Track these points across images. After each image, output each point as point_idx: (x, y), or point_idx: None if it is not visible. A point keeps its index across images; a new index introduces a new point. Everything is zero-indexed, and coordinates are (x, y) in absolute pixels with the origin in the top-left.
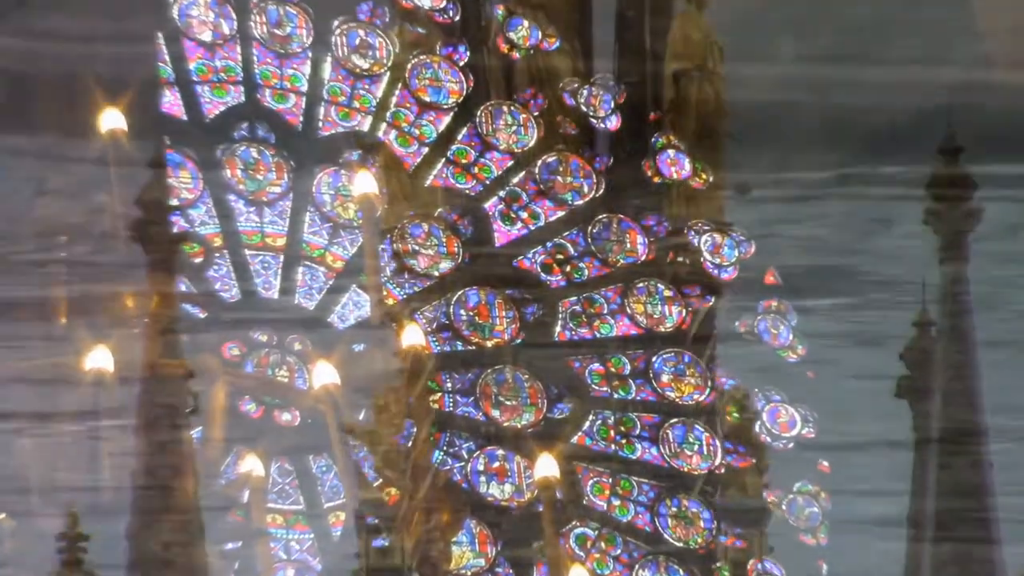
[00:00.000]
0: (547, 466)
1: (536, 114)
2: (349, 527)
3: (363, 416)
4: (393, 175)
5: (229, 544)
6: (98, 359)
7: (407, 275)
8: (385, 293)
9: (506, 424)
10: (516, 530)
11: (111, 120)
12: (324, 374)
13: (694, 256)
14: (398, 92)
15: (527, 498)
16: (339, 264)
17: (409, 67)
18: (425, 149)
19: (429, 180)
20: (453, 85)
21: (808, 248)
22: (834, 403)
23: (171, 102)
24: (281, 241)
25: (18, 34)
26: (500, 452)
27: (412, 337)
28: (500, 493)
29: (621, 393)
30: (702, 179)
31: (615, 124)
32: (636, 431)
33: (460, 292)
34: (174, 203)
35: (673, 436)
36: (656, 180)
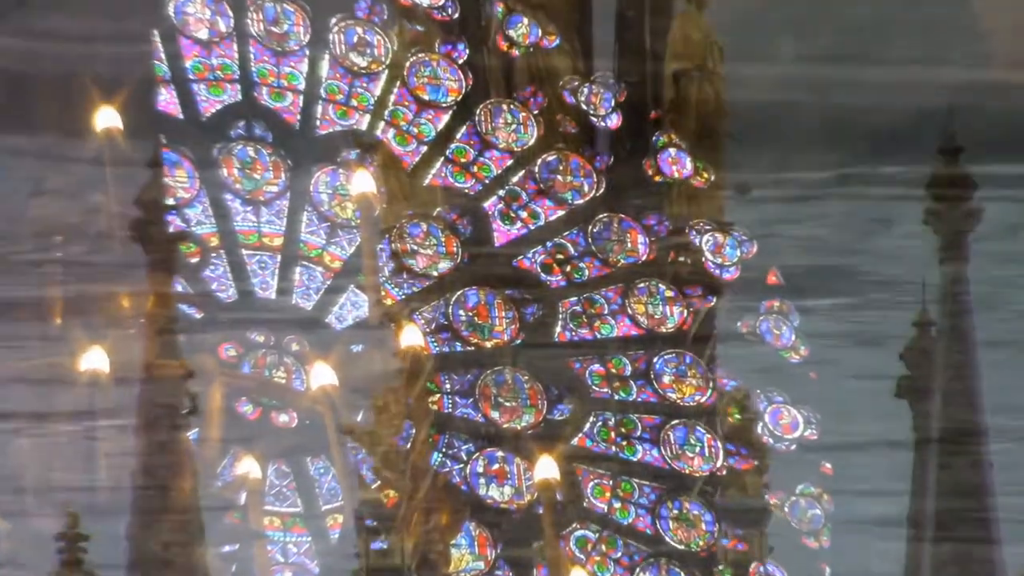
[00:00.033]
0: (547, 468)
1: (536, 112)
2: (347, 530)
3: (362, 417)
4: (391, 174)
5: (226, 546)
6: (94, 360)
7: (405, 275)
8: (383, 293)
9: (506, 426)
10: (516, 532)
11: (107, 119)
12: (322, 375)
13: (696, 256)
14: (396, 90)
15: (527, 500)
16: (337, 264)
17: (407, 65)
18: (424, 148)
19: (428, 179)
20: (452, 83)
21: (808, 248)
22: (835, 403)
23: (167, 100)
24: (278, 241)
25: (17, 34)
26: (500, 454)
27: (411, 338)
28: (500, 495)
29: (622, 394)
30: (703, 178)
31: (615, 123)
32: (637, 433)
33: (459, 292)
34: (171, 202)
35: (674, 438)
36: (657, 179)
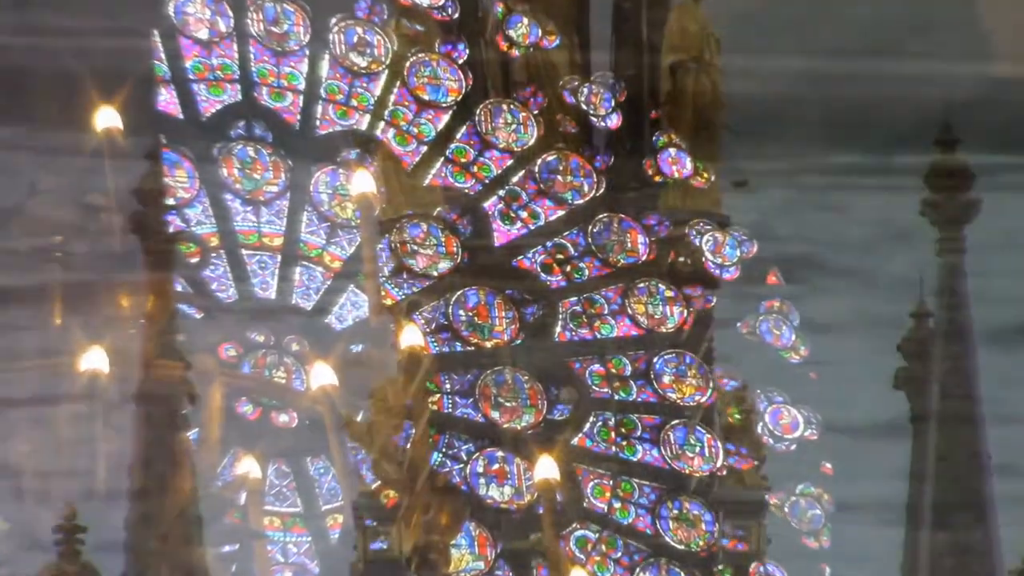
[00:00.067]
0: (547, 468)
1: (536, 112)
2: (347, 530)
3: (361, 418)
4: (391, 174)
5: (226, 547)
6: (94, 359)
7: (405, 275)
8: (383, 293)
9: (506, 426)
10: (516, 533)
11: (107, 118)
12: (322, 375)
13: (695, 255)
14: (396, 90)
15: (527, 500)
16: (337, 264)
17: (407, 65)
18: (424, 148)
19: (428, 179)
20: (452, 83)
21: (806, 240)
22: (835, 395)
23: (167, 100)
24: (278, 241)
25: (16, 32)
26: (500, 454)
27: (410, 338)
28: (500, 495)
29: (622, 394)
30: (703, 178)
31: (616, 122)
32: (637, 433)
33: (459, 292)
34: (171, 202)
35: (674, 438)
36: (657, 179)
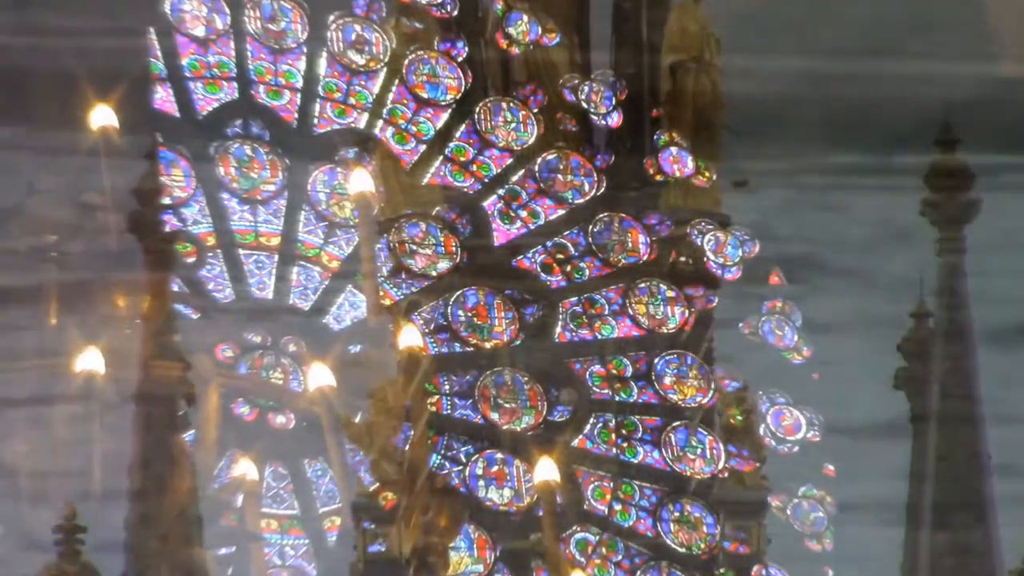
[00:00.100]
0: (547, 470)
1: (536, 111)
2: (345, 532)
3: (359, 419)
4: (390, 173)
5: (223, 549)
6: (89, 360)
7: (404, 275)
8: (382, 293)
9: (505, 427)
10: (516, 535)
11: (103, 117)
12: (319, 376)
13: (697, 255)
14: (395, 88)
15: (527, 502)
16: (335, 264)
17: (406, 63)
18: (422, 146)
19: (427, 178)
20: (451, 81)
21: (806, 240)
22: (835, 395)
23: (163, 98)
24: (275, 240)
25: (16, 32)
26: (499, 456)
27: (409, 338)
28: (499, 497)
29: (623, 396)
30: (705, 177)
31: (616, 121)
32: (638, 434)
33: (458, 292)
34: (167, 201)
35: (675, 439)
36: (658, 178)
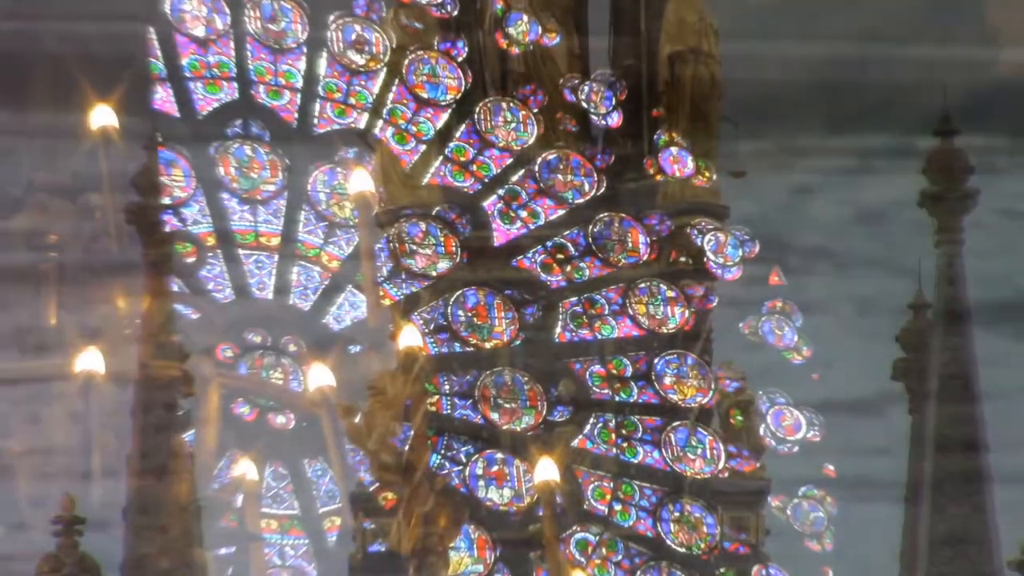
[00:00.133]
0: (547, 470)
1: (536, 111)
2: (344, 532)
3: (359, 420)
4: (390, 173)
5: (223, 549)
6: (89, 360)
7: (404, 275)
8: (382, 293)
9: (505, 427)
10: (516, 536)
11: (102, 117)
12: (319, 376)
13: (697, 255)
14: (395, 88)
15: (527, 502)
16: (335, 264)
17: (406, 63)
18: (422, 146)
19: (427, 178)
20: (451, 81)
21: (803, 229)
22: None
23: (163, 98)
24: (275, 240)
25: (10, 17)
26: (499, 456)
27: (409, 338)
28: (499, 497)
29: (623, 396)
30: (705, 177)
31: (616, 121)
32: (638, 434)
33: (458, 292)
34: (167, 200)
35: (676, 439)
36: (659, 178)
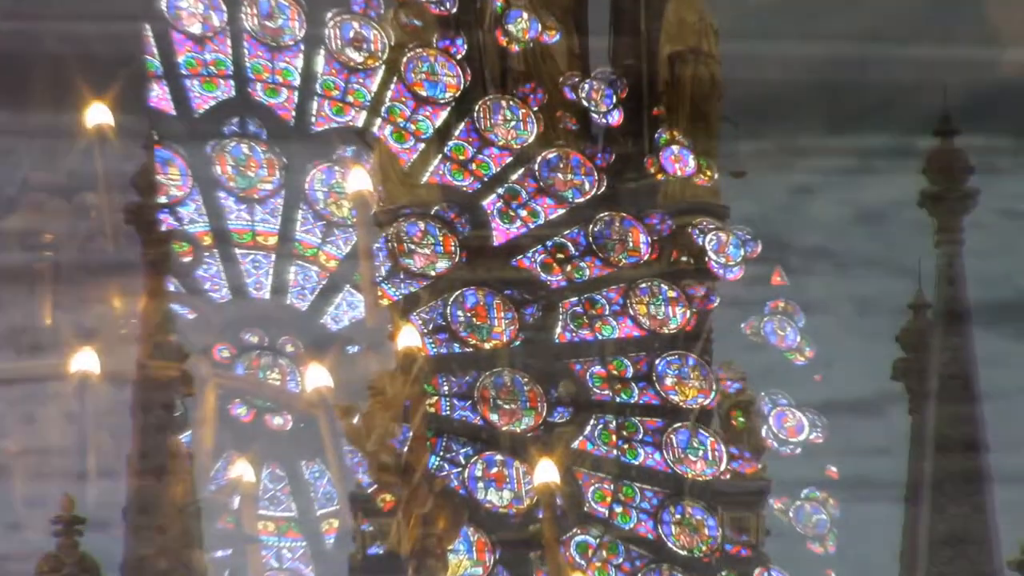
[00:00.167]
0: (547, 472)
1: (536, 109)
2: (342, 534)
3: (357, 420)
4: (388, 172)
5: (219, 552)
6: (85, 360)
7: (403, 275)
8: (380, 293)
9: (505, 428)
10: (515, 538)
11: (98, 115)
12: (317, 377)
13: (698, 255)
14: (393, 86)
15: (526, 505)
16: (332, 263)
17: (405, 60)
18: (421, 145)
19: (426, 177)
20: (450, 79)
21: (803, 229)
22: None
23: (159, 96)
24: (273, 239)
25: (9, 17)
26: (499, 457)
27: (408, 339)
28: (498, 499)
29: (623, 397)
30: (706, 176)
31: (617, 120)
32: (639, 436)
33: (457, 292)
34: (163, 200)
35: (677, 441)
36: (659, 177)
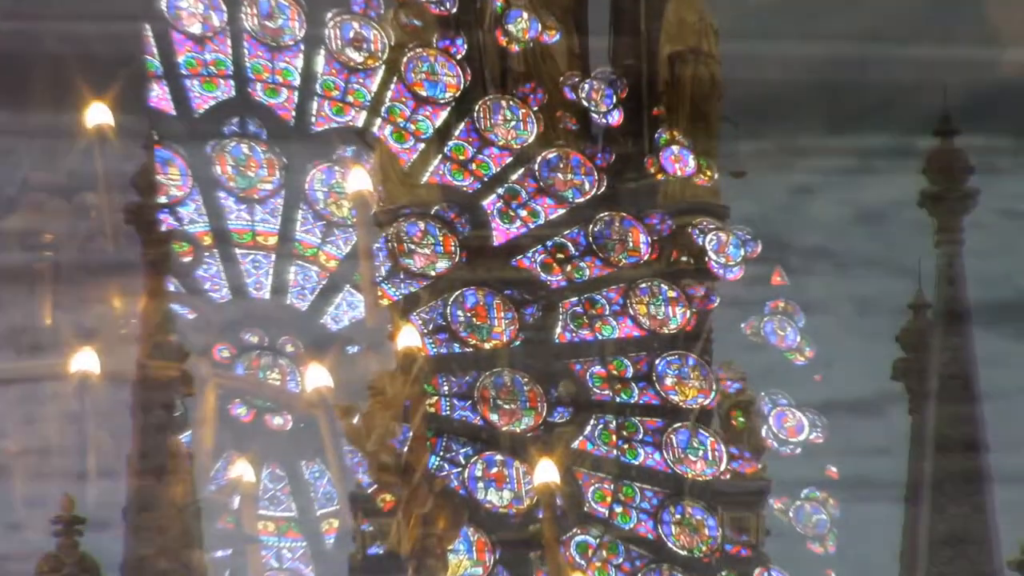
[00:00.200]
0: (547, 472)
1: (536, 109)
2: (342, 534)
3: (357, 421)
4: (388, 171)
5: (219, 552)
6: (84, 360)
7: (403, 275)
8: (380, 293)
9: (505, 428)
10: (515, 538)
11: (98, 115)
12: (317, 377)
13: (698, 255)
14: (393, 86)
15: (526, 505)
16: (332, 263)
17: (405, 60)
18: (421, 145)
19: (426, 177)
20: (450, 79)
21: (803, 229)
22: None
23: (159, 96)
24: (273, 240)
25: (9, 17)
26: (498, 457)
27: (408, 339)
28: (498, 500)
29: (623, 397)
30: (707, 176)
31: (617, 120)
32: (639, 436)
33: (457, 292)
34: (163, 200)
35: (677, 441)
36: (659, 177)
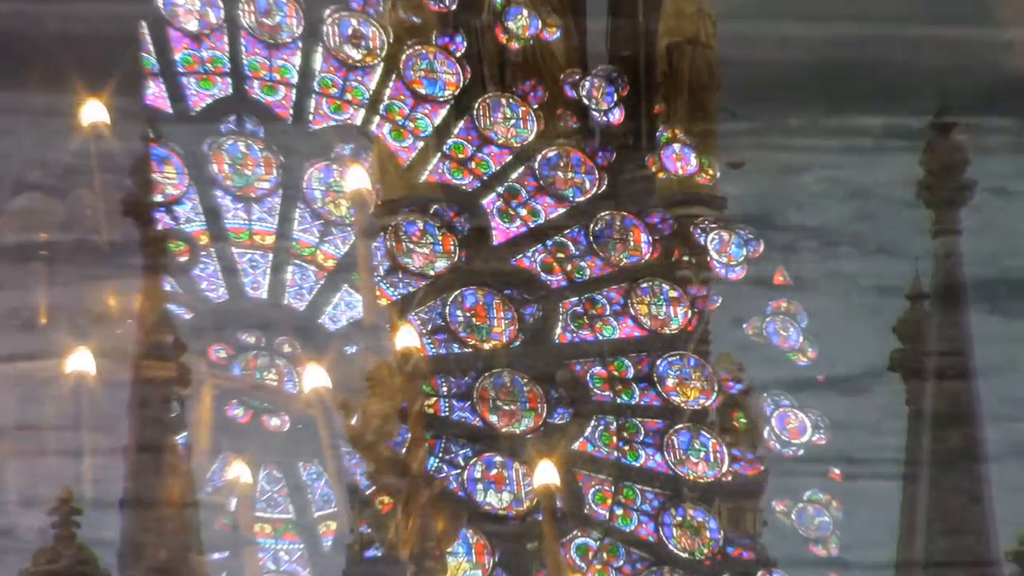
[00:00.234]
0: (547, 473)
1: (536, 107)
2: (340, 536)
3: (356, 420)
4: (387, 170)
5: (216, 554)
6: (80, 361)
7: (401, 274)
8: (378, 293)
9: (504, 430)
10: (515, 540)
11: (93, 112)
12: (315, 377)
13: (700, 254)
14: (392, 84)
15: (526, 506)
16: (330, 263)
17: (403, 58)
18: (420, 143)
19: (424, 175)
20: (449, 77)
21: (802, 216)
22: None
23: (156, 94)
24: (270, 239)
25: (14, 14)
26: (498, 459)
27: (406, 339)
28: (498, 501)
29: (624, 398)
30: (708, 175)
31: (618, 118)
32: (640, 437)
33: (456, 292)
34: (159, 198)
35: (678, 442)
36: (661, 176)
